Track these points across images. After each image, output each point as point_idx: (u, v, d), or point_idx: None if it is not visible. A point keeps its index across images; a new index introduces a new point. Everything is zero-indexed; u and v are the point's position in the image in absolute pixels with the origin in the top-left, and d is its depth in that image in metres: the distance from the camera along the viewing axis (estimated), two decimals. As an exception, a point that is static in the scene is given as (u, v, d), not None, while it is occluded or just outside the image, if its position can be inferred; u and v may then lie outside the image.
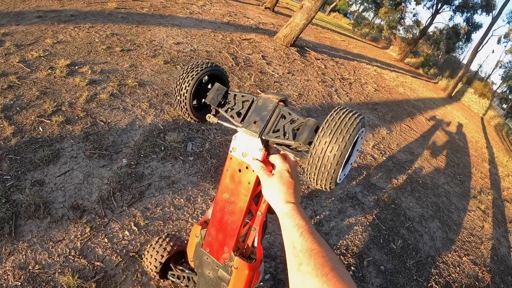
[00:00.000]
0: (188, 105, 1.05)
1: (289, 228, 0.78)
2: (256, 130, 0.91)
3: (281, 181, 0.86)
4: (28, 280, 1.67)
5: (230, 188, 1.04)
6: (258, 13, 10.47)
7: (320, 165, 0.75)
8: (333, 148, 0.73)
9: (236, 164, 1.01)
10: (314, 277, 0.66)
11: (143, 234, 2.08)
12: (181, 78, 1.04)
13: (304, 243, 0.72)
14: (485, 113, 19.12)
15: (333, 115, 0.77)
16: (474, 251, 3.45)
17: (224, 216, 1.09)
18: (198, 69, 1.03)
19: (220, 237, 1.13)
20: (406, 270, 2.74)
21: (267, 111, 0.93)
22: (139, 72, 3.95)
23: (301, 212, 0.81)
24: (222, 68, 1.12)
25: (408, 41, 24.06)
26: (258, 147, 0.93)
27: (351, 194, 3.38)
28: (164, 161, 2.73)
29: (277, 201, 0.84)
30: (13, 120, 2.61)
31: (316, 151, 0.75)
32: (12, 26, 4.11)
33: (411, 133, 6.39)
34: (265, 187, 0.89)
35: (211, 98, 1.02)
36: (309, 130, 0.83)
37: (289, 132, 0.88)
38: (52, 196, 2.12)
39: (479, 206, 4.65)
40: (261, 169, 0.91)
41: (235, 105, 1.01)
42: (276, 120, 0.92)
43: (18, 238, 1.83)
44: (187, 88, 1.03)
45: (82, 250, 1.88)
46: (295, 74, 6.20)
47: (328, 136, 0.74)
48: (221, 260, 1.15)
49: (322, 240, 0.75)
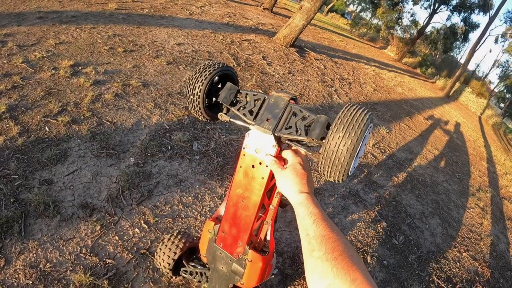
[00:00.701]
0: (202, 104, 1.08)
1: (303, 216, 0.81)
2: (269, 127, 0.95)
3: (295, 173, 0.90)
4: (40, 279, 1.67)
5: (243, 183, 1.07)
6: (256, 13, 10.50)
7: (334, 158, 0.80)
8: (346, 142, 0.78)
9: (249, 160, 1.04)
10: (325, 261, 0.69)
11: (153, 232, 2.11)
12: (194, 78, 1.08)
13: (317, 230, 0.76)
14: (483, 112, 19.22)
15: (344, 111, 0.82)
16: (473, 247, 3.50)
17: (238, 211, 1.12)
18: (211, 69, 1.07)
19: (233, 232, 1.16)
20: (408, 265, 2.78)
21: (279, 109, 0.97)
22: (143, 72, 3.98)
23: (315, 201, 0.85)
24: (233, 68, 1.16)
25: (405, 41, 24.16)
26: (271, 143, 0.97)
27: (354, 191, 3.42)
28: (171, 160, 2.76)
29: (291, 192, 0.88)
30: (18, 120, 2.63)
31: (330, 145, 0.80)
32: (14, 27, 4.12)
33: (410, 132, 6.44)
34: (279, 179, 0.93)
35: (223, 97, 1.06)
36: (321, 126, 0.87)
37: (301, 128, 0.92)
38: (61, 195, 2.14)
39: (478, 204, 4.70)
40: (275, 163, 0.96)
41: (247, 104, 1.04)
42: (288, 117, 0.96)
43: (28, 237, 1.84)
44: (201, 87, 1.06)
45: (93, 248, 1.90)
46: (295, 75, 6.24)
47: (341, 131, 0.79)
48: (234, 254, 1.19)
49: (335, 227, 0.78)
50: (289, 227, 2.56)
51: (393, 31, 26.09)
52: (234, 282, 1.24)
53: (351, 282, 0.63)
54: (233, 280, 1.24)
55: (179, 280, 1.87)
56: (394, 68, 15.41)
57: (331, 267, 0.67)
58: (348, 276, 0.64)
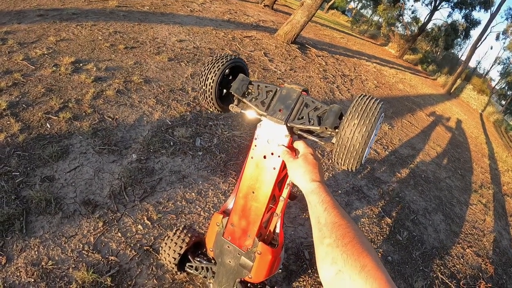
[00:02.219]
0: (214, 95, 1.09)
1: (314, 204, 0.81)
2: (281, 118, 0.96)
3: (307, 162, 0.91)
4: (41, 276, 1.66)
5: (254, 174, 1.07)
6: (257, 10, 10.47)
7: (349, 145, 0.82)
8: (361, 129, 0.80)
9: (261, 151, 1.04)
10: (335, 247, 0.69)
11: (156, 228, 2.09)
12: (206, 69, 1.08)
13: (328, 217, 0.76)
14: (484, 109, 19.18)
15: (358, 100, 0.84)
16: (477, 243, 3.49)
17: (248, 202, 1.11)
18: (223, 60, 1.07)
19: (243, 224, 1.15)
20: (412, 261, 2.77)
21: (291, 100, 0.97)
22: (144, 69, 3.96)
23: (326, 189, 0.85)
24: (244, 60, 1.16)
25: (406, 38, 24.10)
26: (284, 133, 0.98)
27: (357, 187, 3.41)
28: (173, 156, 2.75)
29: (303, 180, 0.88)
30: (19, 117, 2.61)
31: (346, 133, 0.81)
32: (14, 25, 4.10)
33: (412, 129, 6.42)
34: (291, 168, 0.94)
35: (236, 88, 1.06)
36: (335, 115, 0.88)
37: (314, 118, 0.93)
38: (62, 192, 2.12)
39: (480, 200, 4.69)
40: (287, 153, 0.97)
41: (259, 95, 1.04)
42: (300, 108, 0.96)
43: (29, 234, 1.83)
44: (214, 78, 1.06)
45: (96, 245, 1.89)
46: (297, 71, 6.22)
47: (356, 119, 0.80)
48: (243, 248, 1.17)
49: (346, 214, 0.78)
50: (293, 223, 2.55)
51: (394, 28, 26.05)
52: (242, 276, 1.22)
53: (361, 268, 0.62)
54: (241, 274, 1.22)
55: (183, 277, 1.85)
56: (395, 65, 15.37)
57: (341, 253, 0.67)
58: (359, 262, 0.64)
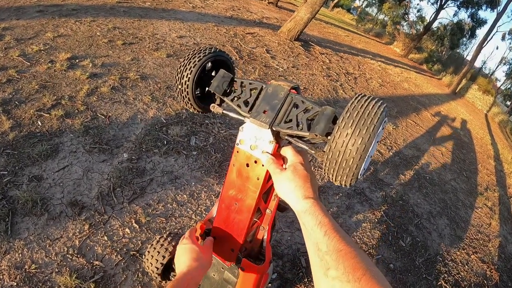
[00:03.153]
0: (191, 95, 0.96)
1: (311, 226, 0.68)
2: (266, 121, 0.83)
3: (296, 175, 0.77)
4: (24, 280, 1.61)
5: (237, 184, 0.95)
6: (261, 7, 10.37)
7: (341, 160, 0.67)
8: (355, 141, 0.64)
9: (243, 158, 0.91)
10: (346, 283, 0.57)
11: (144, 232, 2.00)
12: (182, 65, 0.95)
13: (330, 244, 0.63)
14: (489, 110, 18.98)
15: (354, 103, 0.68)
16: (482, 249, 3.38)
17: (230, 214, 1.00)
18: (200, 55, 0.94)
19: (226, 238, 1.04)
20: (415, 269, 2.66)
21: (277, 99, 0.84)
22: (141, 65, 3.87)
23: (323, 208, 0.72)
24: (227, 54, 1.03)
25: (412, 36, 23.88)
26: (268, 139, 0.84)
27: (359, 190, 3.30)
28: (166, 156, 2.65)
29: (294, 198, 0.75)
30: (11, 114, 2.54)
31: (337, 144, 0.66)
32: (13, 21, 4.04)
33: (417, 129, 6.30)
34: (278, 182, 0.79)
35: (215, 86, 0.93)
36: (326, 120, 0.74)
37: (303, 122, 0.79)
38: (50, 192, 2.05)
39: (486, 203, 4.57)
40: (272, 162, 0.82)
41: (242, 94, 0.92)
42: (288, 109, 0.83)
43: (14, 236, 1.77)
44: (189, 76, 0.94)
45: (81, 249, 1.81)
46: (299, 68, 6.11)
47: (349, 127, 0.65)
48: (227, 262, 1.07)
49: (350, 239, 0.65)
50: (290, 228, 2.45)
51: (399, 26, 25.81)
52: None
53: None
54: None
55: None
56: (400, 64, 15.22)
57: None
58: None
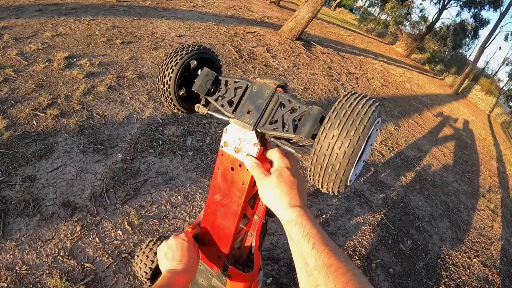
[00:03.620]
0: (173, 95, 0.91)
1: (297, 238, 0.63)
2: (249, 122, 0.77)
3: (282, 181, 0.71)
4: (15, 282, 1.59)
5: (222, 188, 0.90)
6: (263, 7, 10.33)
7: (327, 165, 0.60)
8: (342, 144, 0.58)
9: (228, 162, 0.86)
10: None
11: (136, 234, 1.97)
12: (164, 64, 0.91)
13: (319, 258, 0.58)
14: (492, 111, 18.88)
15: (342, 101, 0.62)
16: (484, 252, 3.33)
17: (216, 220, 0.95)
18: (183, 53, 0.89)
19: (212, 244, 1.00)
20: (415, 273, 2.61)
21: (263, 98, 0.78)
22: (139, 64, 3.83)
23: (310, 217, 0.66)
24: (213, 51, 0.98)
25: (414, 37, 23.80)
26: (253, 141, 0.78)
27: (359, 191, 3.25)
28: (161, 156, 2.62)
29: (279, 206, 0.69)
30: (6, 114, 2.51)
31: (322, 147, 0.60)
32: (12, 20, 4.02)
33: (419, 129, 6.25)
34: (262, 189, 0.74)
35: (198, 85, 0.88)
36: (313, 121, 0.68)
37: (289, 123, 0.73)
38: (43, 193, 2.02)
39: (488, 205, 4.51)
40: (256, 167, 0.76)
41: (226, 93, 0.87)
42: (273, 109, 0.77)
43: (6, 236, 1.75)
44: (171, 75, 0.89)
45: (72, 251, 1.78)
46: (300, 68, 6.06)
47: (336, 128, 0.59)
48: (214, 269, 1.02)
49: (340, 252, 0.60)
50: (287, 229, 2.40)
51: (401, 26, 25.76)
52: None
53: None
54: None
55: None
56: (403, 64, 15.16)
57: None
58: None
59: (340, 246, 2.52)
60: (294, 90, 4.97)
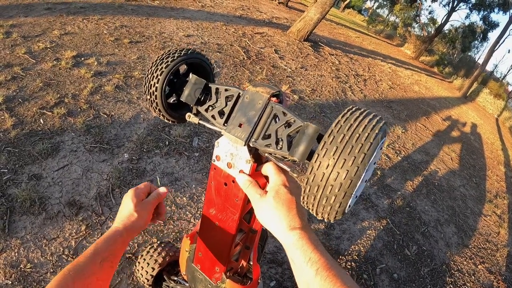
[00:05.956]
0: (161, 105, 0.85)
1: (300, 264, 0.59)
2: (241, 136, 0.69)
3: (279, 201, 0.65)
4: (19, 279, 1.61)
5: (216, 203, 0.86)
6: (271, 7, 10.32)
7: (321, 196, 0.54)
8: (338, 175, 0.51)
9: (220, 177, 0.81)
10: None
11: (141, 235, 1.98)
12: (149, 73, 0.84)
13: (323, 285, 0.55)
14: (500, 114, 18.66)
15: (340, 123, 0.54)
16: (489, 259, 3.29)
17: (212, 234, 0.93)
18: (168, 60, 0.82)
19: (210, 256, 0.98)
20: (420, 279, 2.59)
21: (255, 110, 0.70)
22: (147, 64, 3.85)
23: (312, 239, 0.62)
24: (203, 55, 0.90)
25: (423, 39, 23.65)
26: (245, 157, 0.72)
27: (365, 195, 3.24)
28: (167, 157, 2.62)
29: (277, 229, 0.65)
30: (14, 112, 2.54)
31: (315, 178, 0.53)
32: (21, 18, 4.06)
33: (427, 133, 6.20)
34: (258, 210, 0.68)
35: (187, 94, 0.81)
36: (308, 141, 0.61)
37: (284, 138, 0.66)
38: (48, 191, 2.03)
39: (495, 211, 4.46)
40: (250, 185, 0.70)
41: (217, 102, 0.79)
42: (267, 121, 0.69)
43: (11, 234, 1.77)
44: (156, 85, 0.82)
45: (76, 250, 1.79)
46: (308, 69, 6.05)
47: (332, 157, 0.52)
48: (213, 279, 1.01)
49: (346, 277, 0.57)
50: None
51: (410, 28, 25.57)
52: None
53: None
54: None
55: (165, 291, 1.73)
56: (411, 66, 15.06)
57: None
58: None
59: (344, 251, 2.51)
60: (301, 92, 4.96)
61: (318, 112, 4.54)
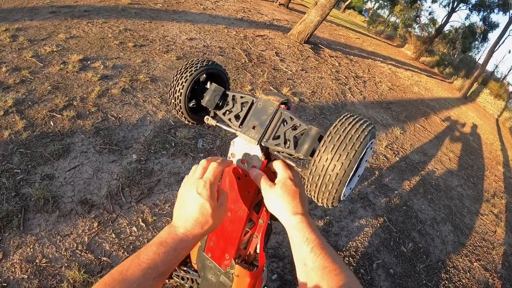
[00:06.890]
0: (184, 108, 0.98)
1: (298, 242, 0.71)
2: (255, 136, 0.84)
3: (285, 191, 0.78)
4: (35, 273, 1.68)
5: (229, 195, 0.97)
6: (272, 9, 10.41)
7: (321, 184, 0.68)
8: (335, 167, 0.65)
9: (234, 172, 0.94)
10: None
11: (150, 231, 2.07)
12: (174, 80, 0.97)
13: (316, 260, 0.67)
14: (500, 115, 18.70)
15: (337, 126, 0.68)
16: (485, 257, 3.37)
17: (224, 223, 1.04)
18: (192, 69, 0.95)
19: (221, 244, 1.09)
20: (415, 274, 2.68)
21: (267, 115, 0.85)
22: (151, 67, 3.95)
23: (311, 223, 0.74)
24: (221, 65, 1.05)
25: (423, 39, 23.70)
26: (258, 154, 0.86)
27: (363, 194, 3.33)
28: (174, 158, 2.72)
29: (282, 213, 0.77)
30: (24, 114, 2.63)
31: (317, 169, 0.68)
32: (26, 22, 4.15)
33: (425, 134, 6.28)
34: (267, 198, 0.81)
35: (207, 100, 0.95)
36: (311, 141, 0.76)
37: (291, 139, 0.80)
38: (61, 191, 2.13)
39: (492, 210, 4.54)
40: (261, 178, 0.83)
41: (233, 107, 0.93)
42: (276, 125, 0.84)
43: (26, 231, 1.85)
44: (181, 90, 0.95)
45: (89, 245, 1.89)
46: (308, 72, 6.14)
47: (330, 152, 0.66)
48: (222, 266, 1.12)
49: (336, 255, 0.69)
50: (293, 230, 2.49)
51: (410, 29, 25.63)
52: None
53: None
54: None
55: (174, 282, 1.82)
56: (411, 67, 15.11)
57: None
58: None
59: (342, 247, 2.61)
60: (302, 94, 5.05)
61: (318, 114, 4.64)
